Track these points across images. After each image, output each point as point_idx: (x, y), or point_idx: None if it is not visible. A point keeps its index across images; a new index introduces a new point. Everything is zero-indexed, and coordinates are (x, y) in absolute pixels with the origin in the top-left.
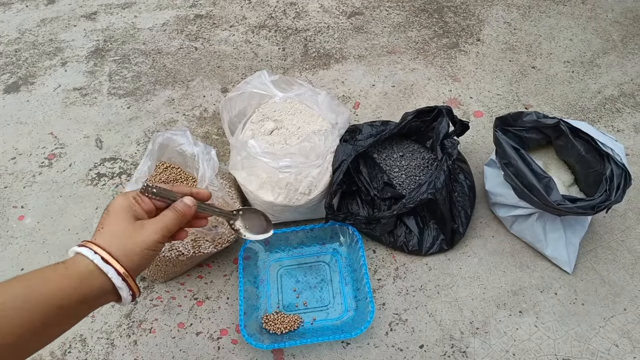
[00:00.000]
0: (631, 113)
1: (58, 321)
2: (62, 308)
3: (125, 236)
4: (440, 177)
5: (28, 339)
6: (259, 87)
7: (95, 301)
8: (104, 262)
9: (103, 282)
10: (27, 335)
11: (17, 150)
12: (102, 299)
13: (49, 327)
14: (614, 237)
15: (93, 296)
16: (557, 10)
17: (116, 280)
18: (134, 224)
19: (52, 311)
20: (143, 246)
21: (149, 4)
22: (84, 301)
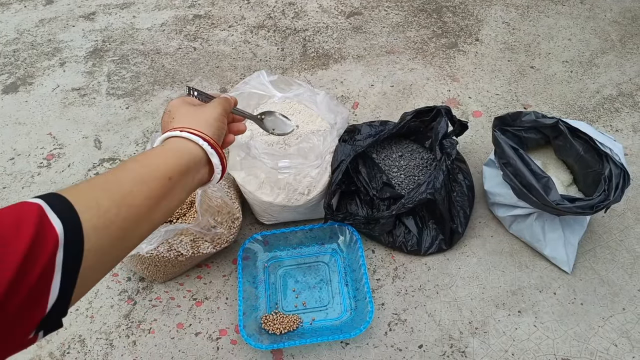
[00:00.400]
0: (630, 113)
1: (170, 191)
2: (171, 179)
3: (195, 116)
4: (439, 177)
5: (154, 209)
6: (258, 87)
7: (195, 172)
8: (191, 134)
9: (197, 151)
10: (152, 205)
11: (16, 150)
12: (200, 170)
13: (165, 198)
14: (613, 236)
15: (192, 165)
16: (555, 10)
17: (205, 146)
18: (195, 107)
19: (165, 182)
20: (212, 118)
21: (147, 4)
22: (186, 172)
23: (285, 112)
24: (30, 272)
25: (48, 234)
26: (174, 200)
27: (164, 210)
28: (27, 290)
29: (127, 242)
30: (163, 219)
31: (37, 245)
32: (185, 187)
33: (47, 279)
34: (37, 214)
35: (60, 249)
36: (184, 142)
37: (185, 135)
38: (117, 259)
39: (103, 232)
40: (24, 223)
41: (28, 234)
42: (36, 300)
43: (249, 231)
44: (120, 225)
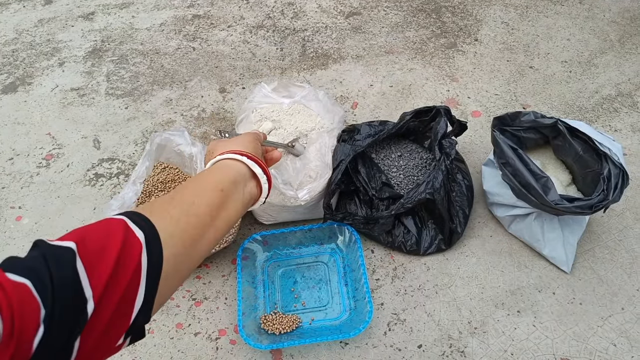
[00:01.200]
0: (628, 113)
1: (225, 201)
2: (223, 190)
3: (231, 143)
4: (439, 177)
5: (215, 218)
6: (264, 100)
7: (243, 184)
8: (234, 153)
9: (239, 166)
10: (214, 213)
11: (15, 150)
12: (247, 183)
13: (223, 208)
14: (612, 236)
15: (239, 178)
16: (554, 10)
17: (245, 159)
18: (230, 139)
19: (219, 193)
20: (247, 140)
21: (146, 4)
22: (235, 184)
23: (284, 112)
24: (122, 274)
25: (133, 241)
26: (231, 210)
27: (224, 220)
28: (122, 291)
29: (198, 250)
30: (226, 228)
31: (126, 250)
32: (238, 199)
33: (136, 283)
34: (123, 227)
35: (144, 254)
36: (227, 162)
37: (226, 156)
38: (189, 267)
39: (177, 240)
40: (113, 233)
41: (118, 241)
42: (127, 302)
43: (248, 231)
44: (191, 232)
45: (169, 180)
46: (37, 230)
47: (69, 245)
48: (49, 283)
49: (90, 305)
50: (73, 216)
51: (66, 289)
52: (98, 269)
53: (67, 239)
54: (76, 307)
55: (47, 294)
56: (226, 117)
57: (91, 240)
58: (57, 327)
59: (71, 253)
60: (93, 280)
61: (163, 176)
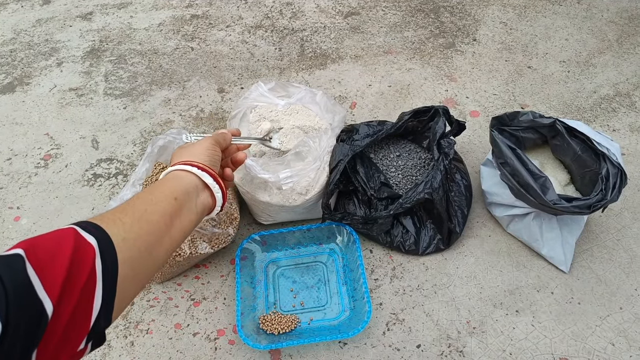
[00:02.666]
0: (627, 112)
1: (179, 210)
2: (177, 199)
3: (187, 151)
4: (437, 176)
5: (170, 226)
6: (259, 99)
7: (195, 194)
8: (186, 164)
9: (191, 177)
10: (168, 221)
11: (13, 151)
12: (199, 193)
13: (177, 217)
14: (610, 236)
15: (192, 188)
16: (552, 10)
17: (195, 170)
18: (189, 146)
19: (172, 202)
20: (202, 148)
21: (145, 4)
22: (188, 193)
23: (283, 112)
24: (77, 278)
25: (86, 246)
26: (185, 220)
27: (179, 229)
28: (78, 294)
29: (155, 255)
30: (181, 237)
31: (79, 255)
32: (192, 209)
33: (92, 286)
34: (74, 234)
35: (97, 258)
36: (180, 173)
37: (177, 167)
38: (148, 272)
39: (131, 244)
40: (64, 240)
41: (69, 246)
42: (85, 306)
43: (247, 231)
44: (146, 238)
45: None
46: (36, 230)
47: (17, 252)
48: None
49: (49, 308)
50: (71, 216)
51: (19, 293)
52: (51, 273)
53: (14, 248)
54: (32, 312)
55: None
56: (225, 117)
57: (40, 247)
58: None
59: (20, 258)
60: (47, 284)
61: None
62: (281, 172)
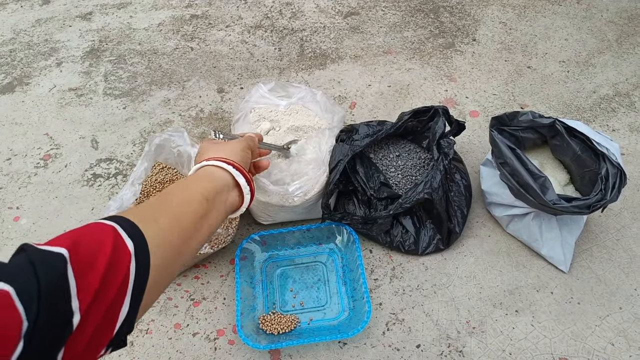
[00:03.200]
0: (626, 112)
1: (209, 211)
2: (208, 200)
3: (222, 148)
4: (437, 176)
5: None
6: (260, 101)
7: (226, 193)
8: (220, 161)
9: (224, 175)
10: (198, 223)
11: (12, 151)
12: (230, 191)
13: (206, 218)
14: (610, 236)
15: (224, 187)
16: (552, 10)
17: (230, 169)
18: (222, 143)
19: (204, 203)
20: (237, 148)
21: (144, 4)
22: (219, 193)
23: (282, 113)
24: (111, 286)
25: (123, 250)
26: (213, 220)
27: (206, 230)
28: (109, 302)
29: (182, 259)
30: (207, 238)
31: (115, 260)
32: (220, 209)
33: (122, 294)
34: (113, 234)
35: (132, 265)
36: (213, 169)
37: (212, 162)
38: (172, 276)
39: (164, 250)
40: (104, 241)
41: (108, 250)
42: (113, 314)
43: (246, 231)
44: (177, 243)
45: (167, 181)
46: (35, 230)
47: (61, 252)
48: (36, 293)
49: (76, 319)
50: (71, 216)
51: (54, 300)
52: (87, 279)
53: (58, 244)
54: (61, 321)
55: (31, 305)
56: (224, 117)
57: (82, 248)
58: (38, 342)
59: (62, 260)
60: (81, 291)
61: (161, 176)
62: (290, 185)
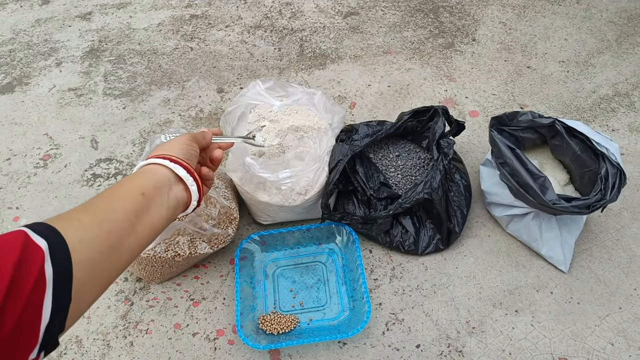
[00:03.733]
0: (626, 112)
1: (147, 206)
2: (144, 194)
3: (162, 147)
4: (436, 176)
5: (136, 223)
6: (255, 97)
7: (167, 188)
8: (158, 157)
9: (163, 170)
10: (133, 218)
11: (12, 151)
12: (172, 187)
13: (145, 213)
14: (609, 236)
15: (164, 182)
16: (552, 10)
17: (167, 162)
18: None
19: (139, 197)
20: (178, 143)
21: (144, 4)
22: (158, 187)
23: (282, 112)
24: (23, 284)
25: (34, 250)
26: (155, 215)
27: (147, 226)
28: (25, 300)
29: (118, 255)
30: (149, 235)
31: (25, 259)
32: (163, 203)
33: (40, 291)
34: (23, 237)
35: (47, 262)
36: (152, 166)
37: (150, 160)
38: (111, 273)
39: (90, 245)
40: (11, 245)
41: (16, 252)
42: (33, 312)
43: (246, 231)
44: (107, 237)
45: None
46: None
47: None
48: None
49: None
50: None
51: None
52: None
53: None
54: None
55: None
56: None
57: None
58: None
59: None
60: None
61: None
62: (281, 172)
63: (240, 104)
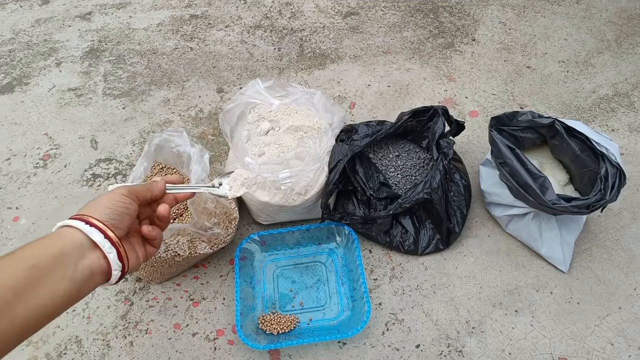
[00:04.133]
0: (625, 112)
1: (36, 281)
2: (36, 267)
3: (93, 203)
4: (436, 176)
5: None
6: (255, 96)
7: (77, 257)
8: (73, 219)
9: (76, 234)
10: (9, 297)
11: (12, 151)
12: (85, 254)
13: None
14: (609, 236)
15: (70, 249)
16: (551, 10)
17: (81, 225)
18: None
19: (26, 271)
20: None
21: (144, 4)
22: (60, 257)
23: (282, 112)
24: None
25: None
26: (46, 293)
27: (30, 305)
28: None
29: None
30: (38, 317)
31: None
32: (65, 277)
33: None
34: None
35: None
36: (64, 229)
37: (64, 222)
38: None
39: None
40: None
41: None
42: None
43: (246, 231)
44: None
45: None
46: (34, 230)
47: None
48: None
49: None
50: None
51: None
52: None
53: None
54: None
55: None
56: None
57: None
58: None
59: None
60: None
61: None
62: (280, 172)
63: (240, 102)
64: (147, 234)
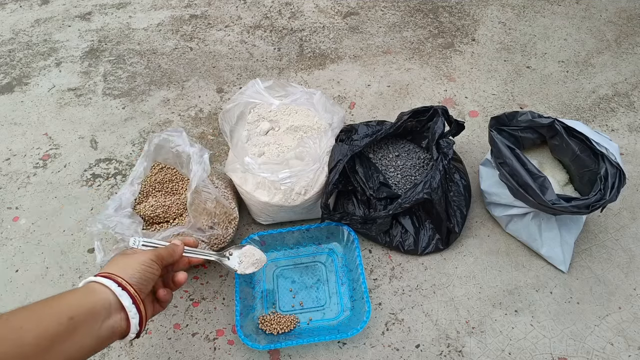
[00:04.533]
0: (625, 112)
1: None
2: (73, 319)
3: (119, 262)
4: (436, 176)
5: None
6: (254, 96)
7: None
8: (103, 277)
9: (106, 294)
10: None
11: (12, 151)
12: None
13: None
14: (609, 236)
15: (100, 308)
16: (551, 10)
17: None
18: (127, 256)
19: (64, 321)
20: (136, 262)
21: (143, 4)
22: (92, 314)
23: (282, 112)
24: None
25: None
26: (75, 345)
27: (60, 355)
28: None
29: None
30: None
31: None
32: (92, 333)
33: None
34: None
35: None
36: (96, 285)
37: (97, 279)
38: None
39: None
40: None
41: None
42: None
43: (246, 231)
44: None
45: (167, 181)
46: (34, 230)
47: None
48: None
49: None
50: (70, 217)
51: None
52: None
53: None
54: None
55: None
56: None
57: None
58: None
59: None
60: None
61: (160, 176)
62: (280, 172)
63: (239, 102)
64: (162, 298)
